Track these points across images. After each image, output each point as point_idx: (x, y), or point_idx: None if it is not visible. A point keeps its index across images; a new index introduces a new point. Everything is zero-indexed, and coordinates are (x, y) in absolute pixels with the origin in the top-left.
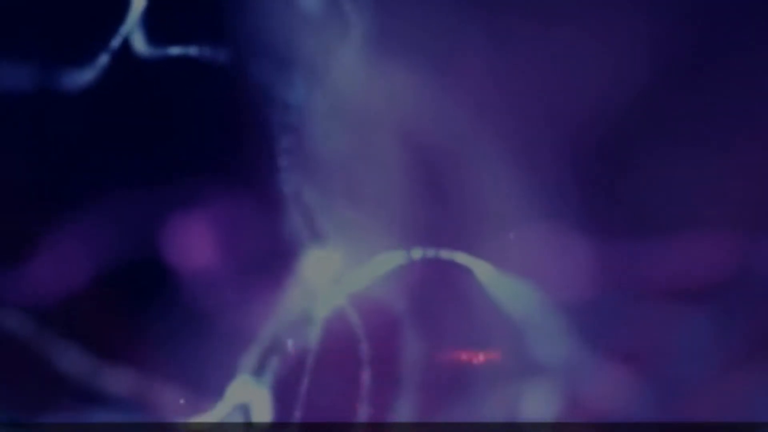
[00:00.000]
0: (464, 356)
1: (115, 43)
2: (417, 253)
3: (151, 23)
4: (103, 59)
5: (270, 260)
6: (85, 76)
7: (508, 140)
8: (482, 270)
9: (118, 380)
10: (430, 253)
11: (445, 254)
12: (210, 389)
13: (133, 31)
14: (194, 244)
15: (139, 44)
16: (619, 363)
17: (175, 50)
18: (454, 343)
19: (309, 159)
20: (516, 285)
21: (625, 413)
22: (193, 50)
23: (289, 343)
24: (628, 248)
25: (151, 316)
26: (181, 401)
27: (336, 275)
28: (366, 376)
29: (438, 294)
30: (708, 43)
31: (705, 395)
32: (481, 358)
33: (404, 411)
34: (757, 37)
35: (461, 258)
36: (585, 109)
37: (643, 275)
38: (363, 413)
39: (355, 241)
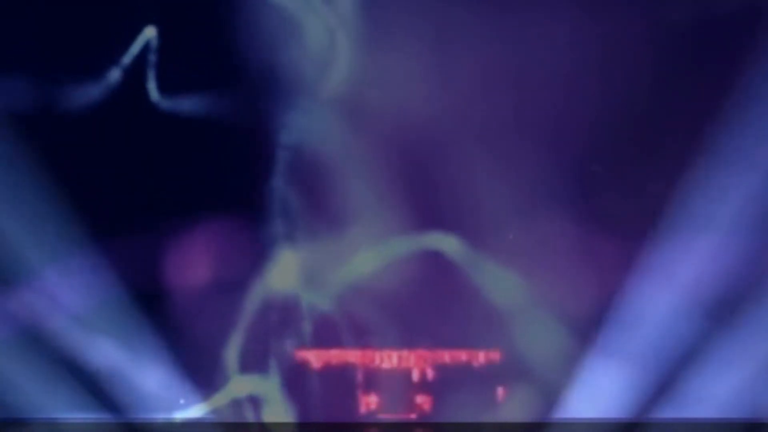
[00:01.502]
0: (458, 355)
1: (125, 64)
2: (412, 249)
3: (156, 48)
4: (113, 77)
5: (259, 265)
6: (90, 97)
7: (504, 139)
8: (477, 266)
9: (122, 378)
10: (423, 248)
11: (438, 249)
12: (205, 388)
13: (141, 59)
14: (193, 251)
15: (146, 72)
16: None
17: (179, 75)
18: (448, 341)
19: (303, 172)
20: (509, 279)
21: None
22: (195, 76)
23: (288, 344)
24: (626, 246)
25: (153, 319)
26: (182, 401)
27: (324, 276)
28: (355, 375)
29: (433, 291)
30: (706, 44)
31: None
32: (477, 356)
33: (393, 410)
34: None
35: (454, 254)
36: (579, 107)
37: (641, 274)
38: (353, 412)
39: (342, 241)
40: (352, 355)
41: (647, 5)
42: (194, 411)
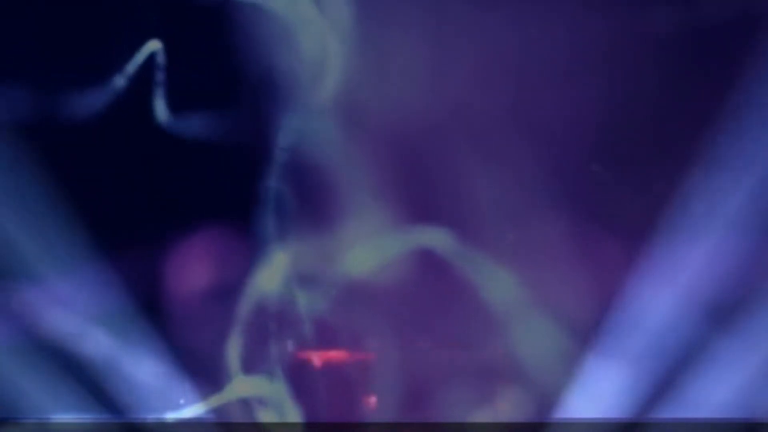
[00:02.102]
0: (458, 355)
1: (127, 72)
2: (412, 248)
3: (155, 55)
4: (115, 84)
5: (257, 266)
6: (91, 103)
7: (501, 138)
8: (477, 266)
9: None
10: (421, 246)
11: (438, 249)
12: (205, 388)
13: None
14: (192, 253)
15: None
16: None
17: (177, 80)
18: (447, 340)
19: (301, 174)
20: (509, 279)
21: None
22: (194, 76)
23: (288, 344)
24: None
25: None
26: (181, 401)
27: (317, 273)
28: (355, 375)
29: (433, 291)
30: (708, 45)
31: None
32: (476, 356)
33: (394, 411)
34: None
35: (454, 254)
36: (577, 106)
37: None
38: (353, 412)
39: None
40: (352, 355)
41: (650, 5)
42: (194, 411)
